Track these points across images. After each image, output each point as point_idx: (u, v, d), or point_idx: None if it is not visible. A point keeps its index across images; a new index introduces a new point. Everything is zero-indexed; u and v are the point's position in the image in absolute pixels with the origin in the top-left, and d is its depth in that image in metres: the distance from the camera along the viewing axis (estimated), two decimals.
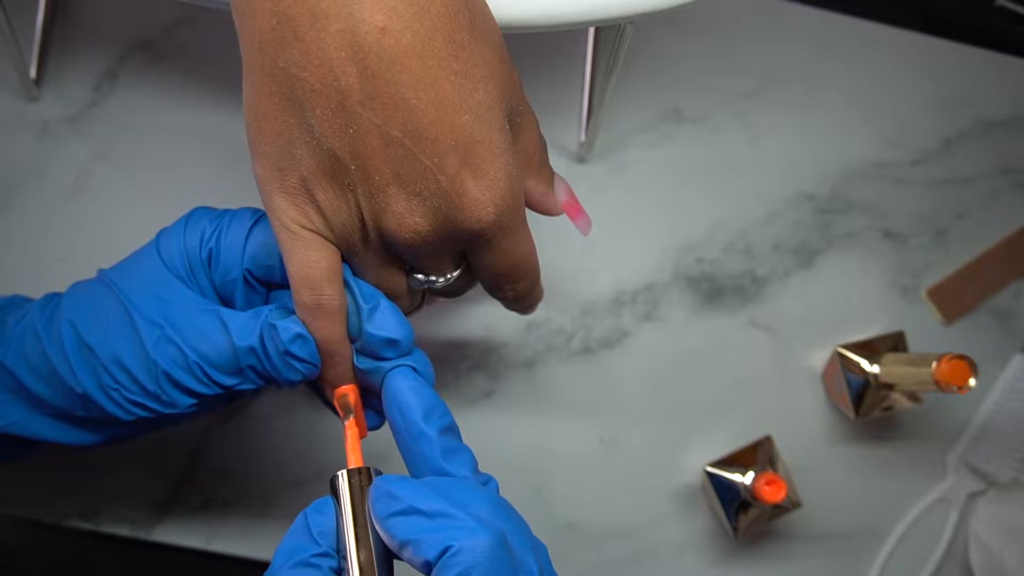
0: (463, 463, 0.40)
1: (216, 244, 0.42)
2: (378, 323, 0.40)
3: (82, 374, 0.41)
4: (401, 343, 0.40)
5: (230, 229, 0.42)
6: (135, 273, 0.43)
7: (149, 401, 0.42)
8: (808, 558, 0.62)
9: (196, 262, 0.42)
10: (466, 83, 0.36)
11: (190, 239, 0.43)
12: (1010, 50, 0.68)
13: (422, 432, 0.40)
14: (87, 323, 0.42)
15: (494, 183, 0.38)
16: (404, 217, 0.37)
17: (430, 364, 0.42)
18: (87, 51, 0.59)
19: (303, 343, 0.40)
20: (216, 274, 0.43)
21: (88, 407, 0.42)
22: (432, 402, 0.40)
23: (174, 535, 0.57)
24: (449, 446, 0.40)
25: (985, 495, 0.64)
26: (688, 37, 0.64)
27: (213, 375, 0.41)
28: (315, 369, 0.41)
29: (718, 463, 0.59)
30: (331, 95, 0.35)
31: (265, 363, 0.41)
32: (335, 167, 0.37)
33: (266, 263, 0.42)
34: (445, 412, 0.41)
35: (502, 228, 0.39)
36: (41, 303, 0.44)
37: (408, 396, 0.40)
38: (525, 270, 0.42)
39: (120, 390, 0.41)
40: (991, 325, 0.66)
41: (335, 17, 0.34)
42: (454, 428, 0.41)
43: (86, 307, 0.42)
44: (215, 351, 0.41)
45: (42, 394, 0.43)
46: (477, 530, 0.36)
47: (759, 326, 0.63)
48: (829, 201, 0.64)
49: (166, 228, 0.44)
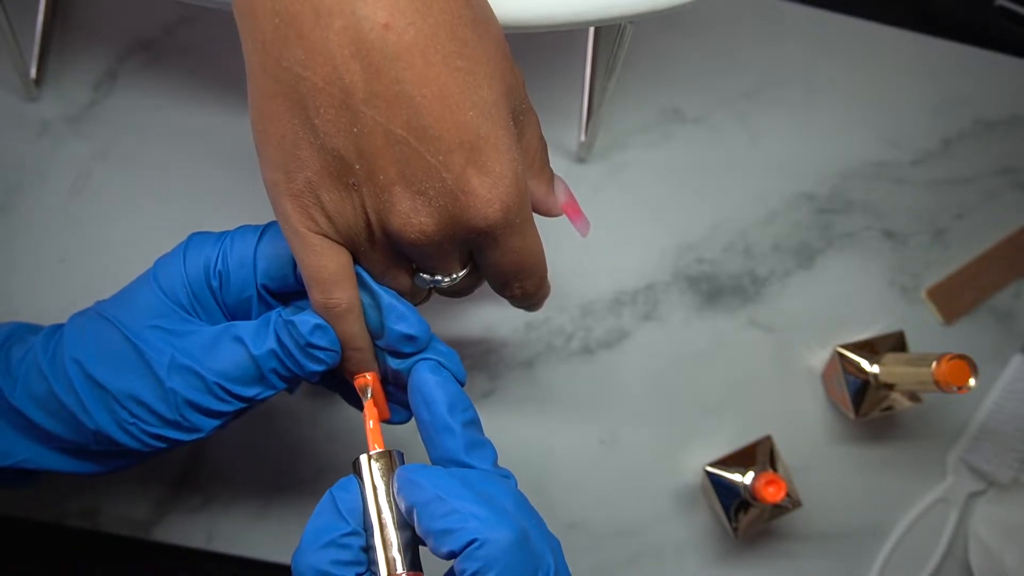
0: (485, 456, 0.41)
1: (225, 267, 0.42)
2: (395, 319, 0.41)
3: (96, 412, 0.41)
4: (418, 338, 0.41)
5: (235, 249, 0.42)
6: (134, 306, 0.42)
7: (169, 431, 0.42)
8: (808, 558, 0.62)
9: (201, 289, 0.42)
10: (470, 80, 0.36)
11: (192, 267, 0.42)
12: (1010, 50, 0.68)
13: (447, 425, 0.40)
14: (93, 360, 0.41)
15: (500, 180, 0.37)
16: (410, 216, 0.37)
17: (458, 358, 0.43)
18: (87, 51, 0.59)
19: (323, 332, 0.40)
20: (229, 296, 0.42)
21: (102, 441, 0.42)
22: (457, 396, 0.41)
23: (174, 535, 0.57)
24: (473, 439, 0.41)
25: (985, 495, 0.64)
26: (688, 37, 0.64)
27: (235, 390, 0.41)
28: (337, 356, 0.41)
29: (718, 463, 0.59)
30: (335, 93, 0.35)
31: (287, 361, 0.41)
32: (340, 167, 0.37)
33: (280, 274, 0.42)
34: (469, 406, 0.41)
35: (509, 225, 0.39)
36: (43, 338, 0.43)
37: (434, 389, 0.41)
38: (533, 268, 0.42)
39: (138, 423, 0.41)
40: (991, 325, 0.66)
41: (338, 14, 0.34)
42: (477, 422, 0.41)
43: (90, 343, 0.42)
44: (233, 365, 0.41)
45: (54, 431, 0.43)
46: (501, 523, 0.36)
47: (759, 326, 0.63)
48: (829, 201, 0.64)
49: (163, 258, 0.43)
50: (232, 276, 0.42)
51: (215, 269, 0.42)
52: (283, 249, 0.42)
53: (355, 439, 0.58)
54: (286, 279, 0.42)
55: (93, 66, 0.59)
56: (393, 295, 0.41)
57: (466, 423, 0.41)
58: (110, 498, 0.56)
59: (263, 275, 0.42)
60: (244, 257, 0.42)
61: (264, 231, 0.42)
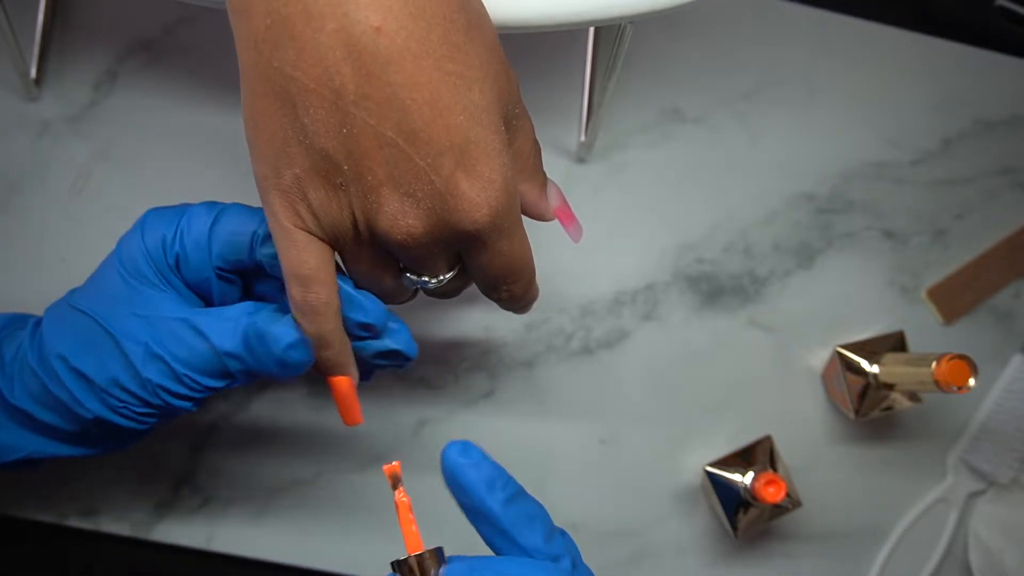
0: (534, 531, 0.40)
1: (182, 247, 0.43)
2: (354, 310, 0.42)
3: (88, 402, 0.43)
4: (375, 326, 0.42)
5: (191, 230, 0.43)
6: (105, 294, 0.43)
7: (158, 411, 0.43)
8: (808, 558, 0.62)
9: (163, 266, 0.43)
10: (461, 84, 0.36)
11: (151, 244, 0.43)
12: (1010, 50, 0.68)
13: (487, 508, 0.39)
14: (75, 353, 0.42)
15: (489, 184, 0.37)
16: (397, 218, 0.37)
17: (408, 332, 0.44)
18: (87, 51, 0.59)
19: (297, 349, 0.41)
20: (188, 275, 0.43)
21: (102, 426, 0.44)
22: (492, 474, 0.40)
23: (174, 535, 0.57)
24: (517, 517, 0.40)
25: (985, 495, 0.64)
26: (688, 37, 0.64)
27: (201, 380, 0.42)
28: (310, 363, 0.42)
29: (718, 463, 0.59)
30: (325, 95, 0.35)
31: (254, 366, 0.42)
32: (328, 167, 0.37)
33: (235, 258, 0.43)
34: (508, 481, 0.40)
35: (497, 229, 0.39)
36: (29, 335, 0.45)
37: (468, 473, 0.39)
38: (521, 271, 0.42)
39: (127, 407, 0.43)
40: (991, 325, 0.66)
41: (330, 17, 0.34)
42: (520, 493, 0.40)
43: (70, 337, 0.43)
44: (198, 358, 0.42)
45: (56, 424, 0.44)
46: None
47: (759, 326, 0.63)
48: (829, 201, 0.64)
49: (124, 237, 0.44)
50: (190, 257, 0.43)
51: (172, 250, 0.43)
52: (239, 234, 0.42)
53: (356, 439, 0.58)
54: (241, 263, 0.43)
55: (93, 66, 0.59)
56: (349, 284, 0.42)
57: (507, 500, 0.40)
58: (110, 498, 0.56)
59: (218, 258, 0.43)
60: (199, 239, 0.43)
61: (220, 213, 0.43)
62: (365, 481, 0.58)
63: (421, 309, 0.47)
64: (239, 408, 0.58)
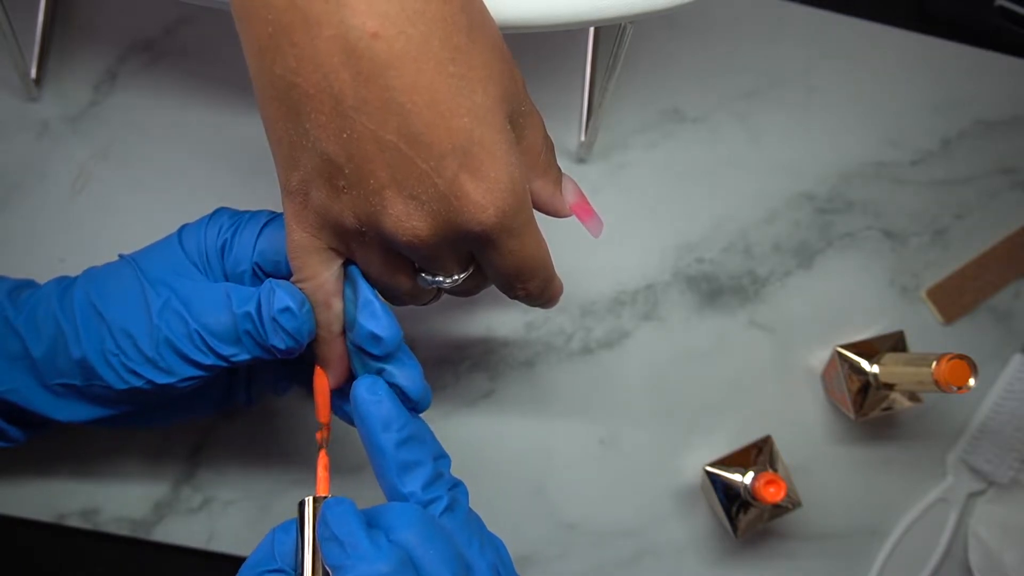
0: (415, 478, 0.41)
1: (231, 236, 0.44)
2: (367, 316, 0.42)
3: (86, 337, 0.43)
4: (385, 340, 0.42)
5: (246, 227, 0.45)
6: (154, 253, 0.45)
7: (146, 369, 0.43)
8: (808, 558, 0.62)
9: (212, 252, 0.45)
10: (464, 86, 0.36)
11: (209, 233, 0.45)
12: (1010, 50, 0.68)
13: (379, 446, 0.41)
14: (100, 293, 0.44)
15: (495, 185, 0.38)
16: (402, 220, 0.38)
17: (420, 374, 0.43)
18: (87, 51, 0.59)
19: (290, 316, 0.41)
20: (228, 264, 0.45)
21: (86, 374, 0.44)
22: (391, 415, 0.41)
23: (174, 535, 0.57)
24: (404, 461, 0.41)
25: (985, 495, 0.64)
26: (688, 37, 0.64)
27: (212, 343, 0.43)
28: (296, 344, 0.42)
29: (718, 463, 0.59)
30: (325, 100, 0.36)
31: (259, 326, 0.42)
32: (330, 170, 0.37)
33: (273, 259, 0.44)
34: (405, 424, 0.42)
35: (505, 230, 0.39)
36: (58, 279, 0.46)
37: (371, 409, 0.41)
38: (535, 270, 0.42)
39: (120, 356, 0.43)
40: (991, 325, 0.66)
41: (327, 24, 0.35)
42: (414, 438, 0.42)
43: (103, 279, 0.45)
44: (215, 320, 0.42)
45: (42, 358, 0.44)
46: (376, 558, 0.37)
47: (759, 326, 0.63)
48: (829, 201, 0.64)
49: (189, 224, 0.46)
50: (235, 247, 0.44)
51: (223, 236, 0.45)
52: (281, 240, 0.43)
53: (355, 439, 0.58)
54: (278, 265, 0.44)
55: (93, 66, 0.59)
56: (374, 293, 0.42)
57: (399, 443, 0.41)
58: (110, 498, 0.56)
59: (259, 254, 0.44)
60: (249, 234, 0.44)
61: (276, 216, 0.45)
62: (364, 481, 0.58)
63: (422, 308, 0.47)
64: (239, 408, 0.58)
